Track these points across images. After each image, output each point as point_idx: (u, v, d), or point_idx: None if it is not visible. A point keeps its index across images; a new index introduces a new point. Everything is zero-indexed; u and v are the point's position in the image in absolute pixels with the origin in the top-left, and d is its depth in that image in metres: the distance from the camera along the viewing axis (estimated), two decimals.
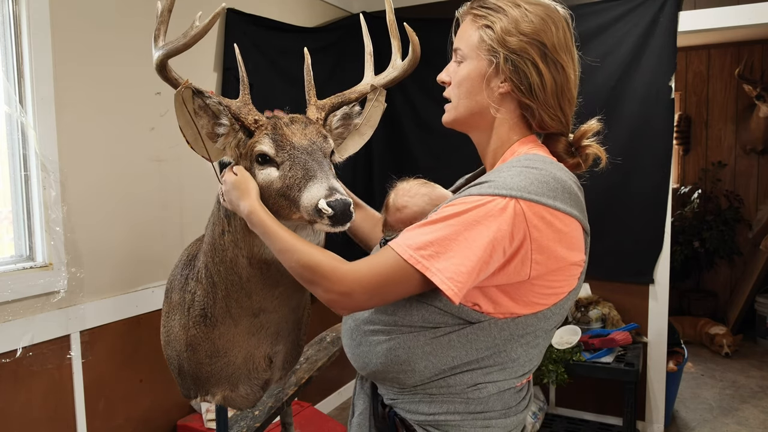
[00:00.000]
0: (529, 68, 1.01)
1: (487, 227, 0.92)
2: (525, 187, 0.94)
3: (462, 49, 1.08)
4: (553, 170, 0.98)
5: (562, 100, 1.05)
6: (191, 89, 1.13)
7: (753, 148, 4.90)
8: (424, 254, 0.93)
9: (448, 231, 0.93)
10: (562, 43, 1.03)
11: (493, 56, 1.03)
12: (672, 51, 2.84)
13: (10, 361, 1.86)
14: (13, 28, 1.88)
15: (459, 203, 0.96)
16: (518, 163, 0.99)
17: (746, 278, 4.81)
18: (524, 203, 0.92)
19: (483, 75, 1.05)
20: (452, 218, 0.94)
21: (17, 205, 1.94)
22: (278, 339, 1.40)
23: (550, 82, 1.02)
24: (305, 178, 1.09)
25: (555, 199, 0.95)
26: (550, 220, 0.94)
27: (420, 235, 0.95)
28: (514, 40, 1.01)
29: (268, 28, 2.82)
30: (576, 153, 1.09)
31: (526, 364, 1.07)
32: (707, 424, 3.31)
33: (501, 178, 0.96)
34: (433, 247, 0.93)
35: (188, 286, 1.40)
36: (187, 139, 1.16)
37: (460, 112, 1.10)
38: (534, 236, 0.93)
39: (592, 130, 1.08)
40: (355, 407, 1.22)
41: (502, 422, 1.07)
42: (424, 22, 3.19)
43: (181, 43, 1.11)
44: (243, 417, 1.93)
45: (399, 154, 3.52)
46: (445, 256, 0.92)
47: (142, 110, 2.26)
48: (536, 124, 1.06)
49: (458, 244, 0.92)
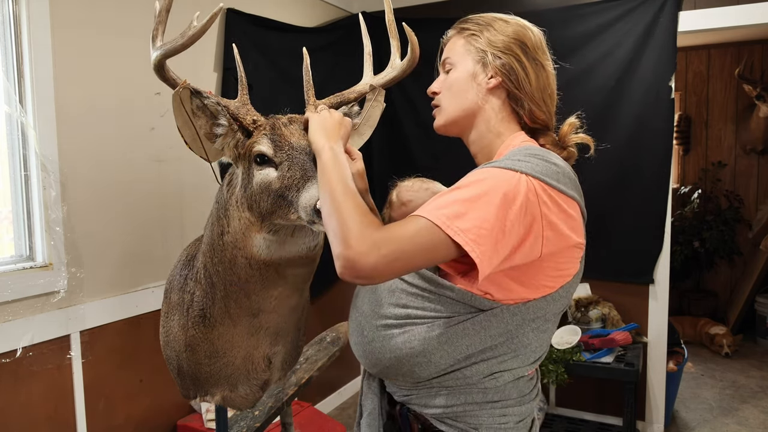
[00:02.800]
0: (514, 63, 1.09)
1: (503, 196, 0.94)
2: (532, 167, 0.98)
3: (450, 57, 1.15)
4: (551, 158, 1.04)
5: (545, 94, 1.11)
6: (189, 89, 1.12)
7: (753, 148, 4.90)
8: (448, 214, 0.93)
9: (469, 195, 0.95)
10: (539, 46, 1.13)
11: (481, 56, 1.11)
12: (672, 51, 2.84)
13: (10, 361, 1.86)
14: (13, 28, 1.88)
15: (474, 174, 0.99)
16: (518, 153, 1.03)
17: (746, 278, 4.80)
18: (534, 180, 0.97)
19: (473, 74, 1.11)
20: (472, 186, 0.96)
21: (17, 205, 1.94)
22: (277, 339, 1.40)
23: (533, 75, 1.10)
24: (304, 179, 1.09)
25: (558, 182, 1.00)
26: (556, 200, 0.99)
27: (442, 202, 0.96)
28: (499, 39, 1.10)
29: (267, 28, 2.82)
30: (564, 146, 1.14)
31: (537, 349, 1.10)
32: (707, 424, 3.30)
33: (506, 162, 1.00)
34: (455, 207, 0.94)
35: (187, 286, 1.40)
36: (185, 140, 1.16)
37: (449, 113, 1.15)
38: (544, 212, 0.97)
39: (575, 125, 1.14)
40: (364, 408, 1.23)
41: (518, 410, 1.11)
42: (423, 22, 3.19)
43: (179, 43, 1.11)
44: (243, 417, 1.93)
45: (398, 153, 3.52)
46: (466, 217, 0.93)
47: (142, 110, 2.26)
48: (526, 115, 1.11)
49: (479, 205, 0.94)
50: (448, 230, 0.91)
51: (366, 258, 0.89)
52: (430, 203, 0.97)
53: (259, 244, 1.19)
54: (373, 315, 1.14)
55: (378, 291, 1.16)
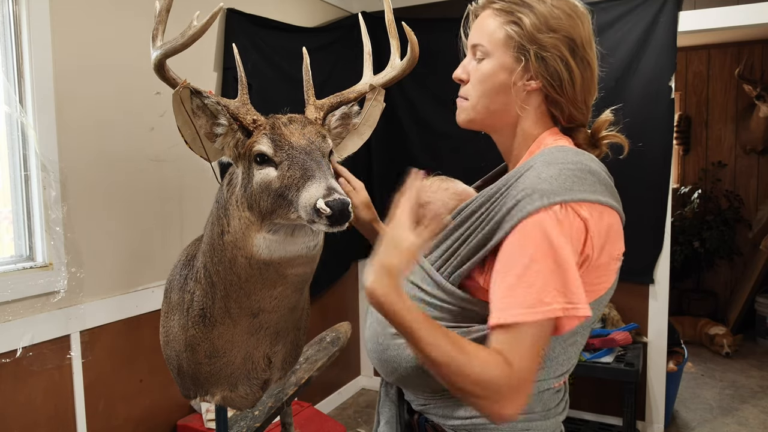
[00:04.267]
0: (560, 65, 0.98)
1: (562, 246, 0.89)
2: (569, 187, 0.91)
3: (484, 45, 1.02)
4: (585, 161, 0.97)
5: (587, 94, 1.04)
6: (189, 89, 1.13)
7: (753, 148, 4.90)
8: (532, 302, 0.87)
9: (535, 271, 0.88)
10: (588, 39, 1.01)
11: (521, 53, 0.99)
12: (672, 51, 2.84)
13: (10, 361, 1.86)
14: (13, 28, 1.88)
15: (522, 241, 0.91)
16: (551, 158, 0.96)
17: (746, 278, 4.80)
18: (574, 205, 0.91)
19: (510, 72, 1.00)
20: (529, 260, 0.89)
21: (17, 205, 1.94)
22: (277, 339, 1.40)
23: (579, 78, 1.00)
24: (303, 178, 1.09)
25: (595, 193, 0.93)
26: (597, 216, 0.93)
27: (515, 292, 0.89)
28: (545, 37, 0.97)
29: (267, 28, 2.82)
30: (596, 143, 1.08)
31: (564, 363, 1.03)
32: (707, 424, 3.30)
33: (541, 183, 0.92)
34: (531, 291, 0.88)
35: (187, 286, 1.40)
36: (185, 139, 1.16)
37: (479, 111, 1.05)
38: (591, 233, 0.92)
39: (608, 121, 1.08)
40: (381, 416, 1.17)
41: (542, 424, 1.03)
42: (422, 22, 3.19)
43: (179, 42, 1.12)
44: (243, 417, 1.93)
45: (398, 153, 3.52)
46: (543, 292, 0.88)
47: (142, 110, 2.26)
48: (564, 118, 1.04)
49: (550, 274, 0.88)
50: (541, 315, 0.87)
51: (511, 405, 0.86)
52: (504, 301, 0.89)
53: (259, 243, 1.19)
54: (388, 322, 1.09)
55: None
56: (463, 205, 1.03)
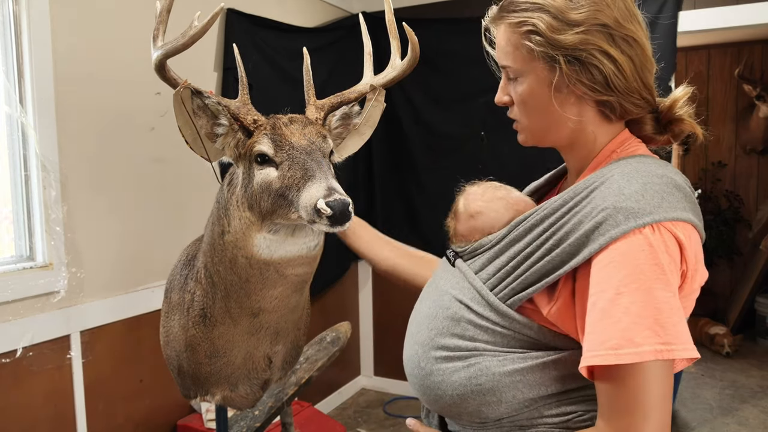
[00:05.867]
0: (599, 59, 0.86)
1: (657, 275, 0.79)
2: (657, 204, 0.81)
3: (511, 66, 0.95)
4: (670, 174, 0.85)
5: (643, 74, 0.90)
6: (190, 89, 1.13)
7: (753, 148, 4.90)
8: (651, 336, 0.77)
9: (624, 306, 0.78)
10: (624, 13, 0.88)
11: (552, 63, 0.89)
12: (672, 51, 2.84)
13: (10, 361, 1.86)
14: (13, 28, 1.89)
15: (607, 271, 0.80)
16: (630, 169, 0.85)
17: (746, 278, 4.80)
18: (667, 224, 0.80)
19: (548, 86, 0.91)
20: (615, 293, 0.79)
21: (17, 205, 1.94)
22: (277, 339, 1.40)
23: (628, 64, 0.87)
24: (304, 178, 1.09)
25: (686, 210, 0.82)
26: (688, 237, 0.82)
27: (596, 329, 0.80)
28: (569, 36, 0.86)
29: (268, 28, 2.83)
30: (666, 129, 0.96)
31: None
32: (707, 424, 3.30)
33: (625, 201, 0.81)
34: (643, 324, 0.77)
35: (187, 286, 1.40)
36: (186, 140, 1.16)
37: (533, 131, 0.98)
38: (686, 257, 0.82)
39: (683, 98, 0.93)
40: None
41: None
42: (423, 21, 3.19)
43: (180, 43, 1.11)
44: (243, 417, 1.93)
45: (399, 153, 3.52)
46: (641, 332, 0.77)
47: (143, 110, 2.26)
48: (618, 116, 0.93)
49: (641, 310, 0.78)
50: (629, 359, 0.76)
51: None
52: (612, 339, 0.77)
53: (259, 243, 1.19)
54: (432, 345, 0.96)
55: (438, 317, 0.98)
56: (521, 218, 0.93)
